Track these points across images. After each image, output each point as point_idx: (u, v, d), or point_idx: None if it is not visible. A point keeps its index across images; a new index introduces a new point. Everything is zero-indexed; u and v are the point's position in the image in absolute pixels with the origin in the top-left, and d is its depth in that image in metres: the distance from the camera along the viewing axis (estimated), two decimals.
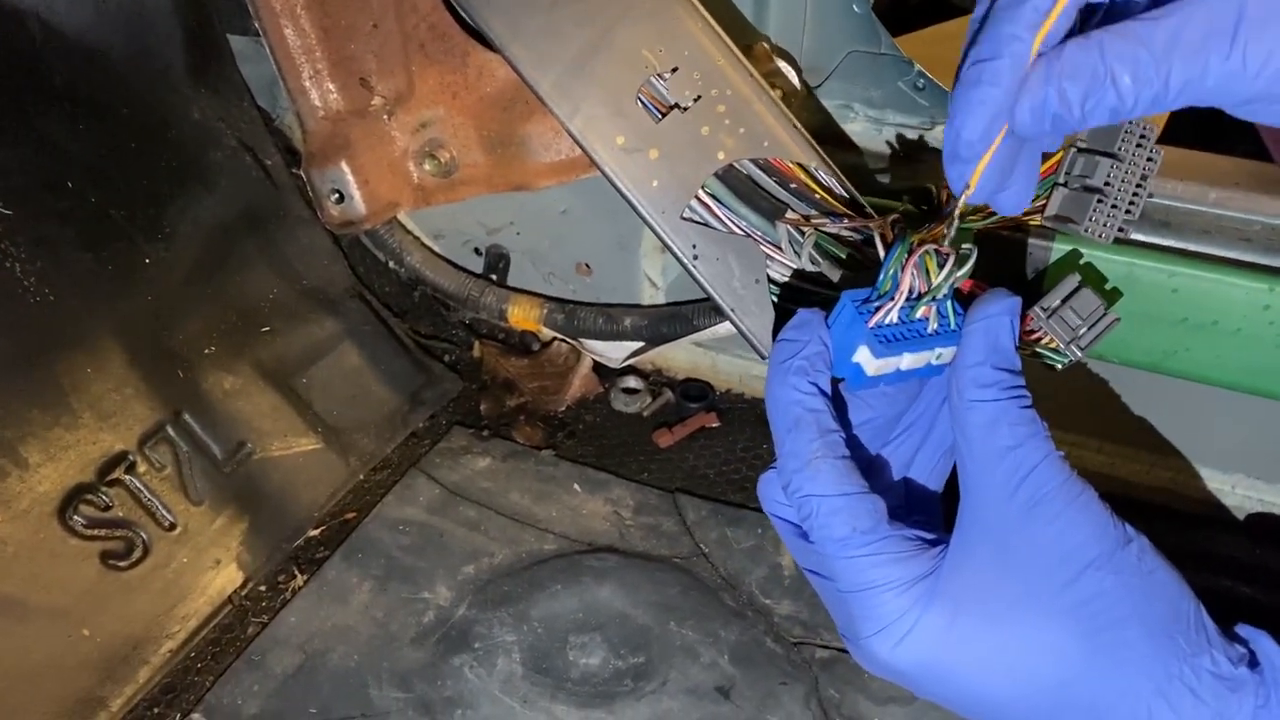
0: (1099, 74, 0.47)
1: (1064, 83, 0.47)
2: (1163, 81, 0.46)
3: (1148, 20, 0.47)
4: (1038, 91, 0.48)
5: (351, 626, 0.84)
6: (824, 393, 0.56)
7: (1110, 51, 0.47)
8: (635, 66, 0.70)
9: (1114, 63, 0.47)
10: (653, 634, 0.82)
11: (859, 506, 0.53)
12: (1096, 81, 0.47)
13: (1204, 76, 0.46)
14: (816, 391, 0.56)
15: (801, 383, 0.56)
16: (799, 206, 0.67)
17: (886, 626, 0.53)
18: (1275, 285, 0.73)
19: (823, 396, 0.56)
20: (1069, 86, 0.47)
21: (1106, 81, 0.47)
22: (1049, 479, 0.51)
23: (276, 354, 0.98)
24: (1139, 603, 0.51)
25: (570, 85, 0.70)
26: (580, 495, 0.95)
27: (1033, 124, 0.49)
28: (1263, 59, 0.45)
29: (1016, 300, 0.56)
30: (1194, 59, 0.46)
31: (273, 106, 1.08)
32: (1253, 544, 0.89)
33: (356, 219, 0.96)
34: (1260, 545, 0.89)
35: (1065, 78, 0.47)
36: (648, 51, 0.70)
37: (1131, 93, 0.47)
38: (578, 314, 1.05)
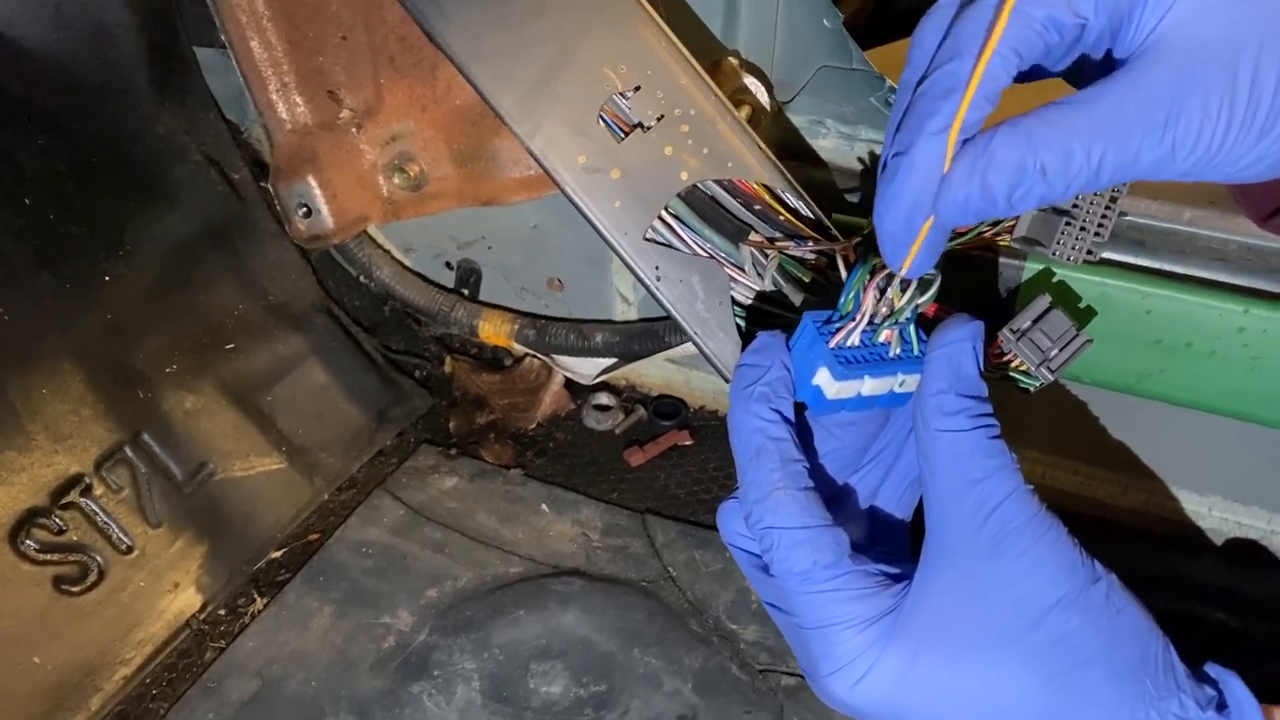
0: (1026, 168, 0.45)
1: (989, 177, 0.46)
2: (1093, 170, 0.46)
3: (1078, 105, 0.46)
4: (960, 189, 0.46)
5: (310, 652, 0.83)
6: (787, 420, 0.54)
7: (1039, 143, 0.45)
8: (597, 85, 0.68)
9: (1043, 154, 0.45)
10: (615, 661, 0.80)
11: (821, 540, 0.52)
12: (1024, 174, 0.46)
13: (1135, 162, 0.45)
14: (779, 419, 0.54)
15: (763, 410, 0.54)
16: (763, 229, 0.66)
17: (845, 665, 0.52)
18: (1250, 307, 0.72)
19: (785, 424, 0.54)
20: (994, 181, 0.46)
21: (1034, 174, 0.46)
22: (1016, 514, 0.50)
23: (241, 371, 0.96)
24: (1106, 643, 0.50)
25: (531, 104, 0.68)
26: (548, 516, 0.94)
27: (956, 219, 0.48)
28: (1193, 141, 0.45)
29: (978, 325, 0.54)
30: (1125, 146, 0.45)
31: (241, 119, 1.07)
32: (1228, 567, 0.88)
33: (324, 233, 0.94)
34: (1235, 568, 0.88)
35: (990, 172, 0.46)
36: (610, 70, 0.69)
37: (1061, 183, 0.46)
38: (549, 330, 1.03)
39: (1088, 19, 0.46)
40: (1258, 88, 0.45)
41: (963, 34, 0.46)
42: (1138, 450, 0.90)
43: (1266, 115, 0.45)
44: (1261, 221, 0.57)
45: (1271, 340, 0.72)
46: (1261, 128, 0.46)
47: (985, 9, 0.46)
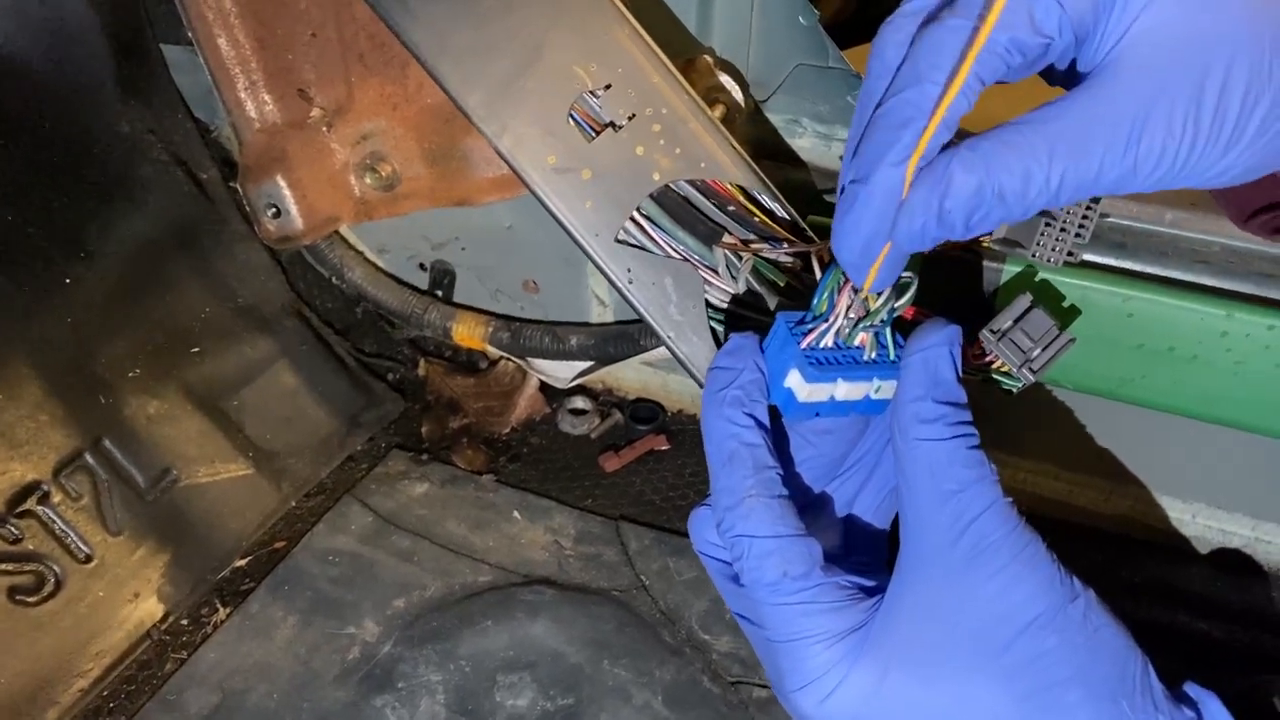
0: (984, 193, 0.45)
1: (945, 203, 0.45)
2: (1053, 192, 0.45)
3: (1036, 125, 0.45)
4: (916, 219, 0.46)
5: (273, 663, 0.81)
6: (761, 425, 0.53)
7: (997, 167, 0.45)
8: (567, 83, 0.67)
9: (1000, 179, 0.45)
10: (584, 673, 0.78)
11: (792, 550, 0.50)
12: (981, 199, 0.45)
13: (1096, 181, 0.45)
14: (754, 424, 0.53)
15: (737, 414, 0.53)
16: (737, 230, 0.64)
17: (813, 681, 0.50)
18: (1233, 311, 0.70)
19: (760, 430, 0.53)
20: (951, 207, 0.45)
21: (992, 199, 0.45)
22: (994, 528, 0.48)
23: (207, 376, 0.94)
24: (1083, 663, 0.48)
25: (499, 102, 0.67)
26: (520, 523, 0.92)
27: (914, 246, 0.47)
28: (1156, 157, 0.44)
29: (956, 329, 0.52)
30: (1086, 165, 0.45)
31: (210, 118, 1.05)
32: (1212, 575, 0.86)
33: (294, 234, 0.93)
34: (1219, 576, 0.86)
35: (947, 199, 0.45)
36: (579, 68, 0.67)
37: (1020, 206, 0.45)
38: (523, 332, 1.02)
39: (1053, 38, 0.45)
40: (1224, 103, 0.44)
41: (923, 58, 0.45)
42: (1121, 456, 0.89)
43: (1233, 129, 0.45)
44: (1242, 223, 0.56)
45: (1255, 345, 0.70)
46: (1228, 141, 0.45)
47: (947, 31, 0.45)
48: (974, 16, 0.44)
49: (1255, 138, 0.45)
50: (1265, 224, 0.53)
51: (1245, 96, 0.44)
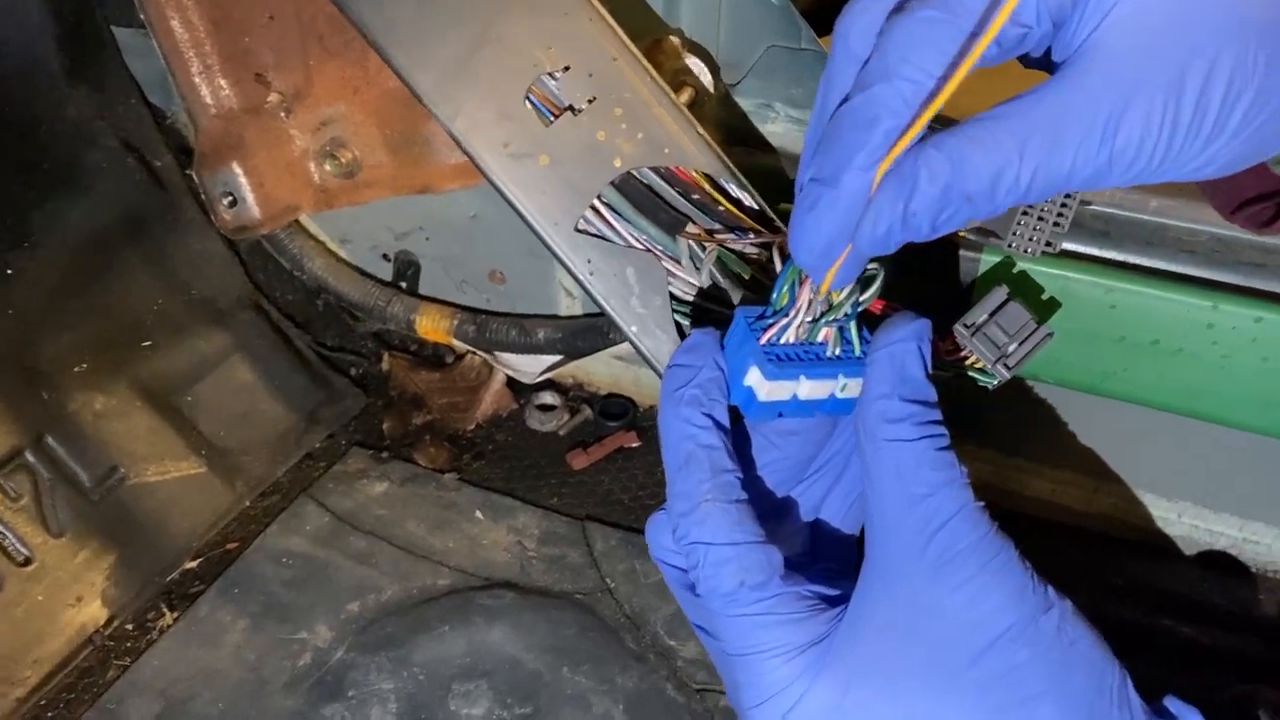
0: (951, 194, 0.43)
1: (911, 207, 0.43)
2: (1023, 190, 0.43)
3: (1006, 120, 0.43)
4: (882, 223, 0.43)
5: (220, 670, 0.77)
6: (720, 426, 0.50)
7: (965, 167, 0.42)
8: (523, 65, 0.63)
9: (969, 180, 0.42)
10: (543, 681, 0.75)
11: (749, 558, 0.47)
12: (948, 201, 0.43)
13: (1069, 178, 0.43)
14: (711, 425, 0.50)
15: (694, 415, 0.50)
16: (702, 220, 0.61)
17: (771, 697, 0.48)
18: (1219, 302, 0.67)
19: (718, 431, 0.50)
20: (917, 210, 0.43)
21: (959, 199, 0.43)
22: (964, 534, 0.45)
23: (158, 370, 0.91)
24: (1057, 677, 0.46)
25: (452, 84, 0.64)
26: (482, 523, 0.89)
27: (877, 251, 0.45)
28: (1133, 152, 0.42)
29: (924, 323, 0.49)
30: (1059, 162, 0.42)
31: (167, 103, 1.01)
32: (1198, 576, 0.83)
33: (251, 223, 0.89)
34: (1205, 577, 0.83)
35: (913, 202, 0.43)
36: (537, 48, 0.64)
37: (988, 206, 0.43)
38: (489, 325, 0.98)
39: (1030, 26, 0.43)
40: (1206, 95, 0.42)
41: (892, 52, 0.42)
42: (1105, 453, 0.86)
43: (1215, 122, 0.42)
44: (1229, 214, 0.53)
45: (1241, 337, 0.67)
46: (1210, 134, 0.43)
47: (919, 23, 0.42)
48: (946, 8, 0.41)
49: (1238, 131, 0.43)
50: (1253, 216, 0.50)
51: (1228, 88, 0.42)
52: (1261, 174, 0.51)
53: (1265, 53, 0.42)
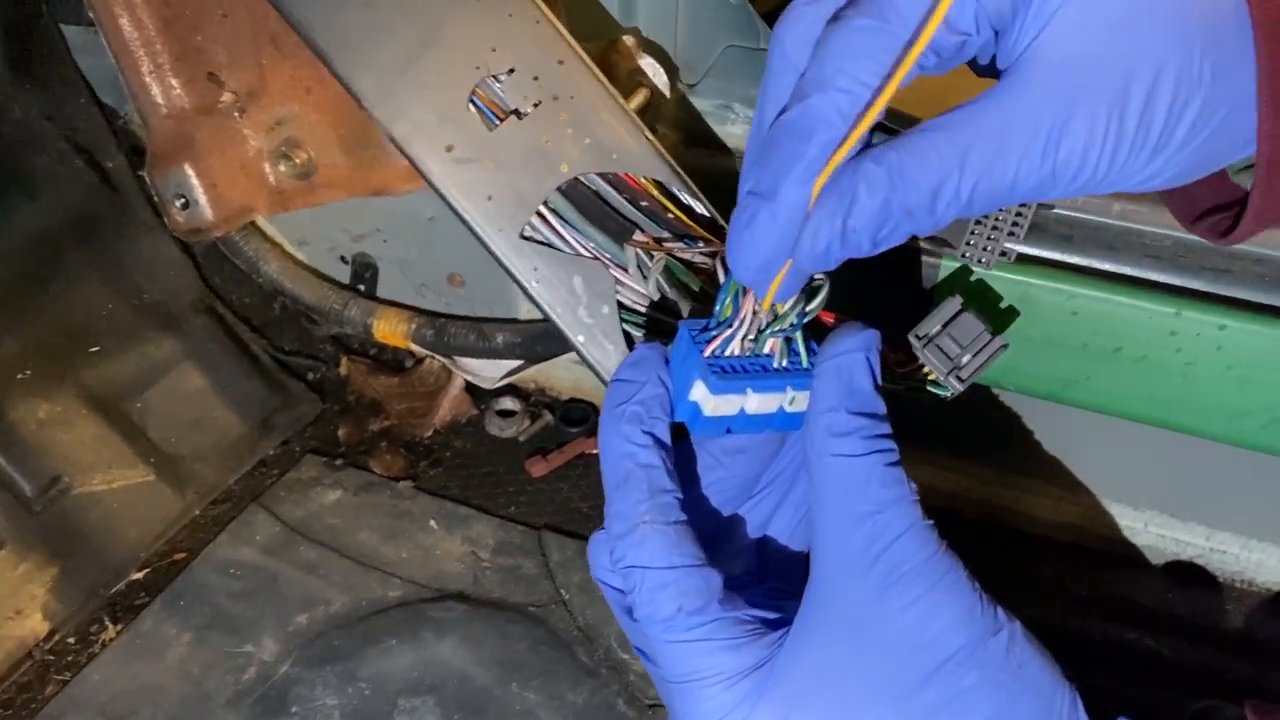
0: (891, 209, 0.41)
1: (850, 222, 0.42)
2: (963, 203, 0.42)
3: (946, 131, 0.41)
4: (821, 240, 0.42)
5: (162, 685, 0.76)
6: (661, 444, 0.48)
7: (905, 182, 0.41)
8: (467, 67, 0.62)
9: (908, 195, 0.41)
10: (491, 696, 0.73)
11: (688, 582, 0.46)
12: (887, 215, 0.42)
13: (1012, 190, 0.42)
14: (651, 443, 0.48)
15: (634, 432, 0.48)
16: (650, 228, 0.59)
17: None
18: (1182, 308, 0.66)
19: (658, 449, 0.48)
20: (856, 226, 0.42)
21: (899, 214, 0.42)
22: (911, 553, 0.44)
23: (106, 376, 0.89)
24: (1004, 702, 0.44)
25: (393, 86, 0.62)
26: (435, 533, 0.87)
27: (817, 266, 0.44)
28: (1076, 164, 0.41)
29: (872, 333, 0.48)
30: (1000, 174, 0.41)
31: (120, 103, 0.99)
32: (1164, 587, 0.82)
33: (204, 226, 0.87)
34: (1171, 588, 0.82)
35: (852, 218, 0.41)
36: (481, 51, 0.62)
37: (929, 221, 0.42)
38: (448, 329, 0.96)
39: (969, 34, 0.41)
40: (1151, 105, 0.41)
41: (828, 62, 0.41)
42: (1071, 462, 0.84)
43: (1160, 133, 0.41)
44: (1189, 224, 0.52)
45: (1206, 345, 0.66)
46: (1155, 146, 0.41)
47: (854, 32, 0.40)
48: (881, 17, 0.40)
49: (1185, 142, 0.42)
50: (1213, 226, 0.49)
51: (1174, 98, 0.41)
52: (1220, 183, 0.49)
53: (1210, 61, 0.41)
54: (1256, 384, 0.66)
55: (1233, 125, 0.42)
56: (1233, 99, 0.41)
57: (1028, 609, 0.47)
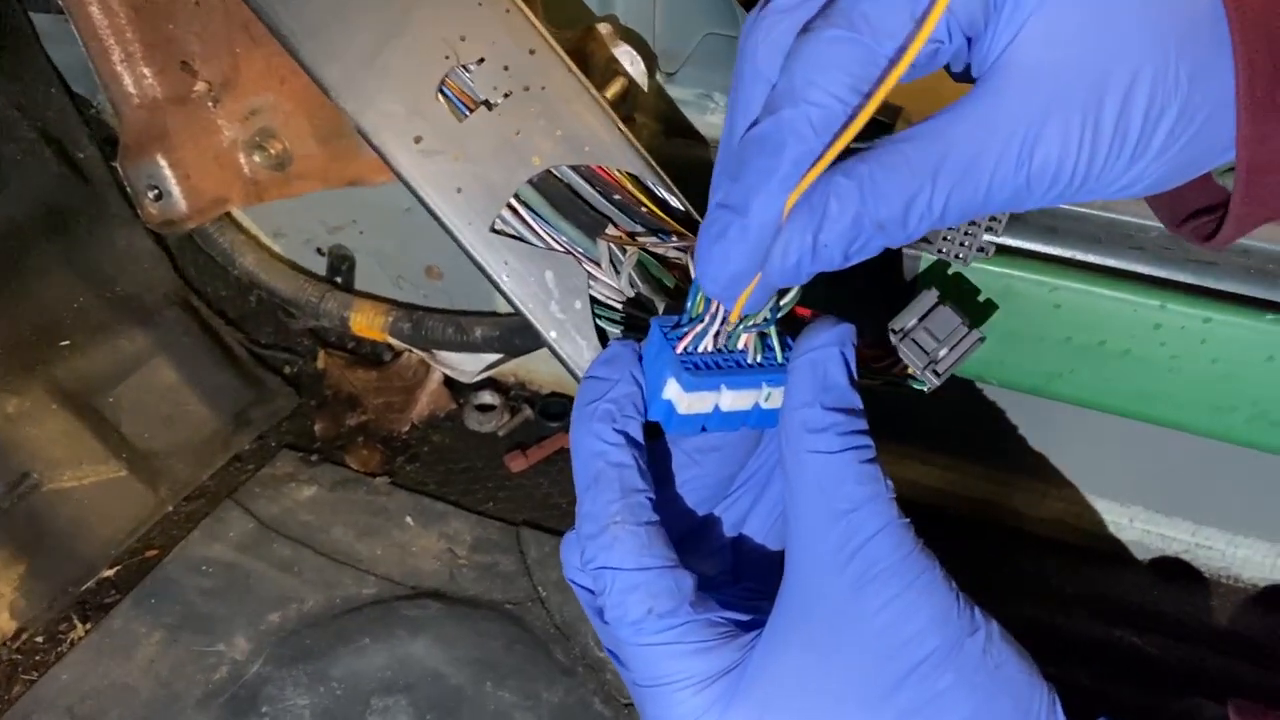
0: (862, 224, 0.41)
1: (821, 237, 0.41)
2: (936, 216, 0.41)
3: (919, 143, 0.41)
4: (791, 256, 0.42)
5: (131, 684, 0.74)
6: (634, 443, 0.47)
7: (877, 196, 0.40)
8: (436, 57, 0.60)
9: (880, 209, 0.40)
10: (465, 695, 0.72)
11: (659, 584, 0.45)
12: (859, 230, 0.41)
13: (986, 201, 0.41)
14: (623, 442, 0.47)
15: (605, 430, 0.47)
16: (624, 222, 0.58)
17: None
18: (1167, 301, 0.65)
19: (630, 448, 0.47)
20: (828, 240, 0.41)
21: (872, 229, 0.41)
22: (887, 552, 0.43)
23: (77, 371, 0.88)
24: (981, 704, 0.43)
25: (360, 77, 0.60)
26: (412, 530, 0.86)
27: (788, 280, 0.43)
28: (1052, 173, 0.41)
29: (848, 328, 0.47)
30: (974, 186, 0.41)
31: (92, 93, 0.98)
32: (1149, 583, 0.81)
33: (178, 217, 0.86)
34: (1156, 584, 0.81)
35: (823, 232, 0.41)
36: (451, 40, 0.61)
37: (902, 234, 0.42)
38: (425, 322, 0.95)
39: (942, 42, 0.40)
40: (1127, 113, 0.40)
41: (798, 74, 0.40)
42: (1055, 457, 0.83)
43: (1137, 141, 0.40)
44: (1174, 227, 0.51)
45: (1190, 338, 0.65)
46: (1132, 154, 0.41)
47: (824, 43, 0.40)
48: (852, 28, 0.39)
49: (1163, 149, 0.41)
50: (1197, 229, 0.48)
51: (1150, 105, 0.40)
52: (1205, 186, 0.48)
53: (1186, 65, 0.40)
54: (1241, 378, 0.65)
55: (1212, 130, 0.41)
56: (1211, 103, 0.41)
57: (1011, 605, 0.47)
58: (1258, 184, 0.42)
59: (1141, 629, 0.77)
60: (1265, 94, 0.40)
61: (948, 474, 0.88)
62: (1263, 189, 0.42)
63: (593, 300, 0.58)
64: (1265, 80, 0.40)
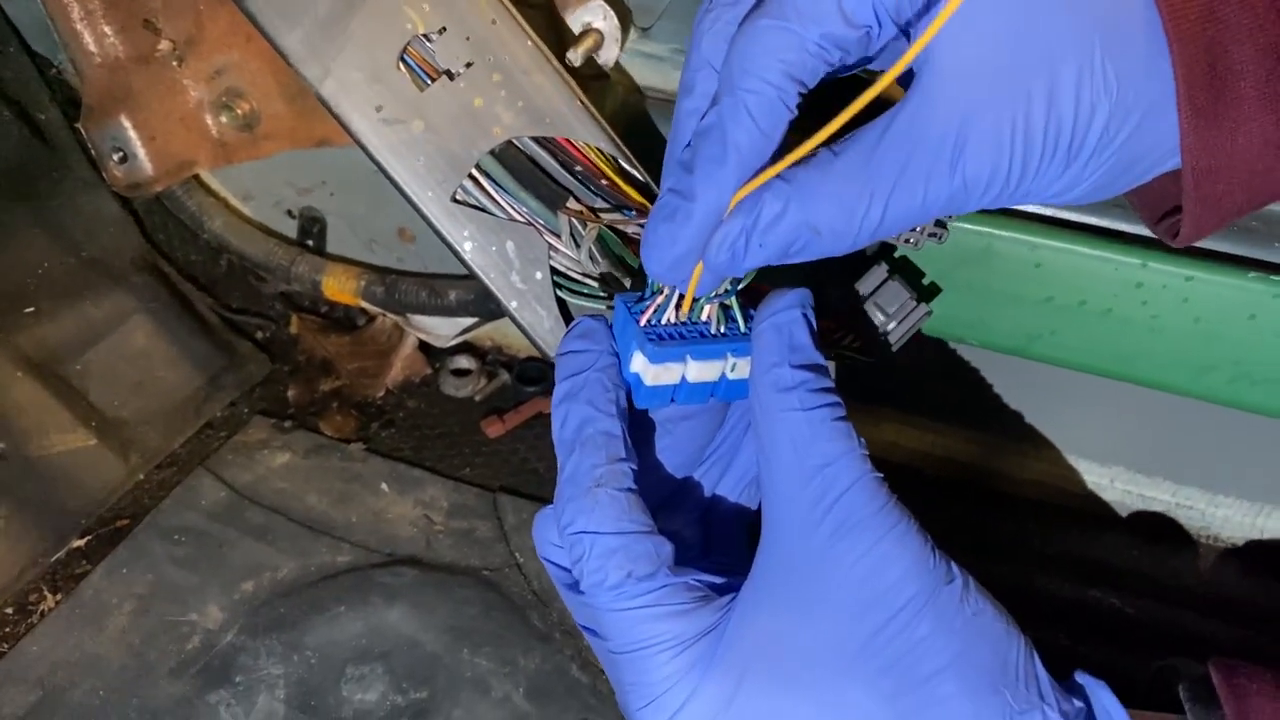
0: (799, 231, 0.43)
1: (755, 235, 0.43)
2: (874, 225, 0.43)
3: (851, 154, 0.42)
4: (724, 248, 0.44)
5: (103, 655, 0.73)
6: (624, 415, 0.48)
7: (813, 204, 0.43)
8: (398, 25, 0.60)
9: (816, 217, 0.43)
10: (441, 663, 0.72)
11: (638, 548, 0.45)
12: (796, 233, 0.43)
13: (924, 208, 0.42)
14: (615, 413, 0.48)
15: (599, 398, 0.48)
16: (585, 195, 0.58)
17: (658, 697, 0.45)
18: (1149, 260, 0.64)
19: (617, 418, 0.48)
20: (767, 241, 0.43)
21: (807, 233, 0.43)
22: (861, 505, 0.43)
23: (42, 338, 0.86)
24: (960, 651, 0.43)
25: (320, 43, 0.59)
26: (387, 496, 0.85)
27: (724, 272, 0.46)
28: (987, 175, 0.42)
29: (805, 291, 0.48)
30: (910, 194, 0.42)
31: (52, 52, 0.95)
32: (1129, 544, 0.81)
33: (144, 180, 0.85)
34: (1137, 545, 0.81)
35: (763, 234, 0.43)
36: (411, 8, 0.60)
37: (843, 243, 0.44)
38: (399, 286, 0.93)
39: (870, 26, 0.41)
40: (1055, 113, 0.41)
41: (735, 63, 0.42)
42: (1036, 418, 0.83)
43: (1070, 142, 0.41)
44: (1153, 225, 0.51)
45: (1172, 297, 0.64)
46: (1067, 155, 0.42)
47: (756, 31, 0.42)
48: (782, 16, 0.41)
49: (1098, 150, 0.42)
50: (1170, 228, 0.48)
51: (1078, 105, 0.41)
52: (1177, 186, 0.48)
53: (1114, 65, 0.40)
54: (1222, 337, 0.64)
55: (1152, 131, 0.42)
56: (1146, 103, 0.41)
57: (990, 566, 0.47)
58: (1206, 188, 0.43)
59: (1122, 590, 0.77)
60: (1205, 102, 0.41)
61: (927, 436, 0.87)
62: (1212, 193, 0.43)
63: (554, 271, 0.59)
64: (1204, 88, 0.41)
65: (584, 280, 0.57)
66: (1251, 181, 0.42)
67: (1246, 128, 0.41)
